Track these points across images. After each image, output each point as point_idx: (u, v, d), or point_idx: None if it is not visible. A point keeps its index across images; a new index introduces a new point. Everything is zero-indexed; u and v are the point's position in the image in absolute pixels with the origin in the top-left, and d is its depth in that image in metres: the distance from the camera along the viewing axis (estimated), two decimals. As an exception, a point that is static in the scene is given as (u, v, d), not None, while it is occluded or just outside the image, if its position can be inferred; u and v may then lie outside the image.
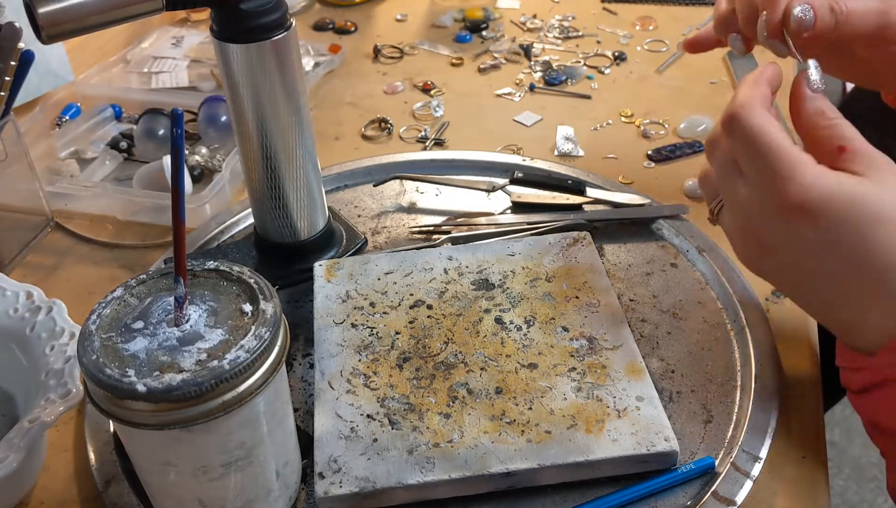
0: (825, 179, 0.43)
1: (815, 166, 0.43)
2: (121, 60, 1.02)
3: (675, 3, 1.12)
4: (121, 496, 0.51)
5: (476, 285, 0.61)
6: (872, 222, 0.42)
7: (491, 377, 0.54)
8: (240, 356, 0.40)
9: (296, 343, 0.61)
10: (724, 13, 0.56)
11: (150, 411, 0.39)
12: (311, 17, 1.15)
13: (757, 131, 0.44)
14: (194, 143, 0.84)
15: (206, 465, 0.43)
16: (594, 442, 0.49)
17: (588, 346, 0.55)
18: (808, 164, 0.43)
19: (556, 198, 0.73)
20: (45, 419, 0.47)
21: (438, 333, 0.57)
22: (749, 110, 0.45)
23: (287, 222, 0.64)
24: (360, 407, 0.52)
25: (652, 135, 0.84)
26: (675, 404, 0.55)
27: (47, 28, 0.48)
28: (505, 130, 0.86)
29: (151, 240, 0.74)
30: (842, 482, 1.51)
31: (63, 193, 0.77)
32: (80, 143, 0.86)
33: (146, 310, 0.44)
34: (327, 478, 0.48)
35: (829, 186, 0.43)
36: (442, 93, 0.94)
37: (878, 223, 0.42)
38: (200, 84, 0.97)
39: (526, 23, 1.09)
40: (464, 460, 0.49)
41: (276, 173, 0.61)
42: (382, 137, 0.87)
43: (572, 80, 0.95)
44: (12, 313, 0.55)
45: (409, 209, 0.75)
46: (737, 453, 0.50)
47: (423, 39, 1.07)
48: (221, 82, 0.60)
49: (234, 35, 0.55)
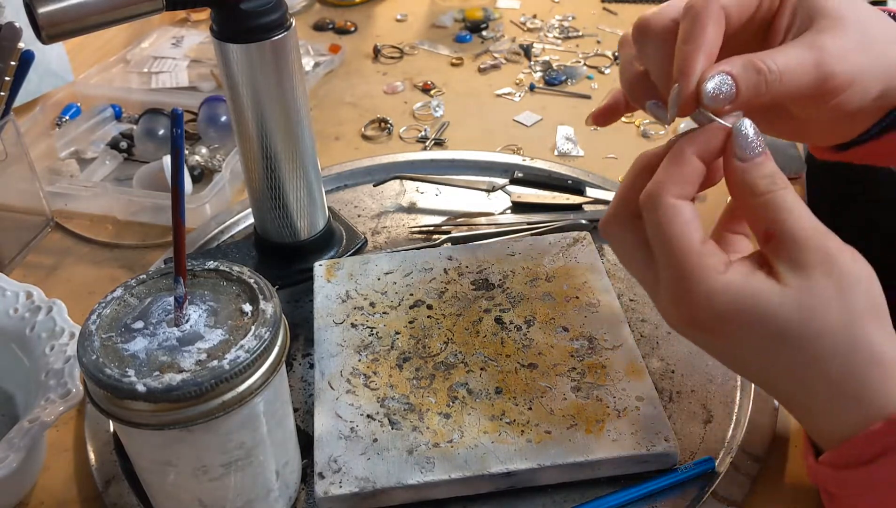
0: (724, 295, 0.39)
1: (715, 278, 0.39)
2: (121, 60, 1.02)
3: (675, 3, 1.12)
4: (121, 496, 0.51)
5: (476, 285, 0.61)
6: (777, 342, 0.39)
7: (491, 377, 0.54)
8: (240, 356, 0.40)
9: (296, 343, 0.61)
10: (635, 76, 0.47)
11: (150, 411, 0.39)
12: (311, 17, 1.15)
13: (663, 228, 0.40)
14: (194, 143, 0.84)
15: (206, 465, 0.43)
16: (594, 442, 0.49)
17: (588, 346, 0.55)
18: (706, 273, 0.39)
19: (556, 198, 0.73)
20: (45, 419, 0.47)
21: (438, 333, 0.57)
22: (656, 200, 0.40)
23: (287, 222, 0.64)
24: (359, 407, 0.52)
25: (652, 135, 0.84)
26: (675, 404, 0.55)
27: (47, 28, 0.48)
28: (505, 130, 0.86)
29: (151, 240, 0.74)
30: (842, 482, 1.50)
31: (63, 193, 0.77)
32: (80, 143, 0.86)
33: (146, 310, 0.44)
34: (327, 478, 0.48)
35: (726, 303, 0.39)
36: (442, 93, 0.94)
37: (781, 343, 0.39)
38: (200, 84, 0.97)
39: (526, 23, 1.09)
40: (464, 460, 0.49)
41: (276, 173, 0.61)
42: (382, 137, 0.87)
43: (572, 80, 0.95)
44: (12, 313, 0.55)
45: (409, 209, 0.75)
46: (737, 453, 0.50)
47: (423, 39, 1.07)
48: (221, 82, 0.60)
49: (234, 35, 0.55)
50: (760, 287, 0.39)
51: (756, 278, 0.39)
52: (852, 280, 0.39)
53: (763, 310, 0.39)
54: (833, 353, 0.39)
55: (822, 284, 0.38)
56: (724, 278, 0.39)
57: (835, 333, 0.39)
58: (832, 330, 0.39)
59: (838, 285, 0.39)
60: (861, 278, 0.39)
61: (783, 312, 0.38)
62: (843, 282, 0.39)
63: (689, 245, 0.39)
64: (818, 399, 0.40)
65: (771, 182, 0.40)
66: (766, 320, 0.39)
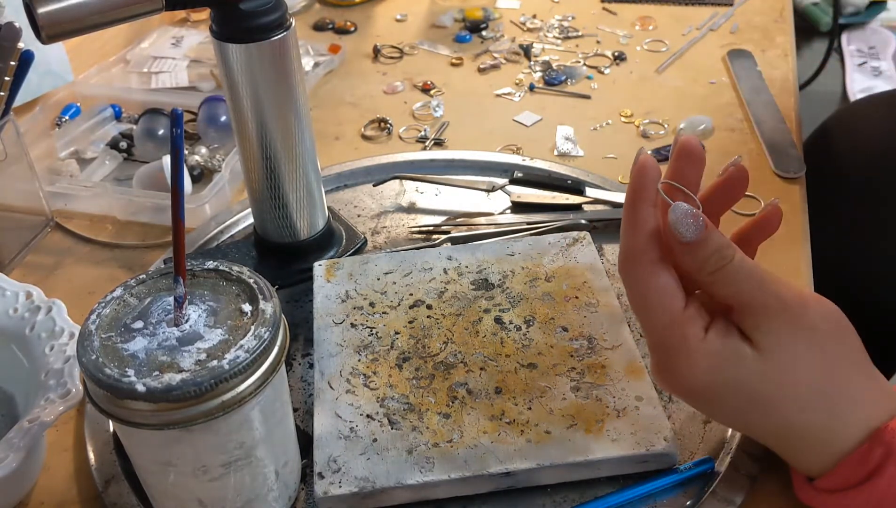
0: (703, 364, 0.41)
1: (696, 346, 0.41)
2: (121, 60, 1.02)
3: (674, 3, 1.12)
4: (120, 496, 0.51)
5: (476, 285, 0.61)
6: (753, 405, 0.41)
7: (490, 376, 0.54)
8: (239, 356, 0.40)
9: (295, 343, 0.61)
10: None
11: (150, 411, 0.39)
12: (311, 17, 1.15)
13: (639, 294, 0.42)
14: (194, 143, 0.84)
15: (205, 465, 0.43)
16: (593, 442, 0.49)
17: (587, 346, 0.55)
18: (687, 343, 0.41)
19: (556, 198, 0.73)
20: (44, 419, 0.47)
21: (438, 333, 0.57)
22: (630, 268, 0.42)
23: (287, 222, 0.64)
24: (359, 407, 0.52)
25: (651, 135, 0.84)
26: (675, 404, 0.55)
27: (47, 28, 0.48)
28: (505, 130, 0.86)
29: (151, 240, 0.74)
30: (842, 482, 1.50)
31: (63, 193, 0.77)
32: (79, 143, 0.86)
33: (146, 310, 0.44)
34: (327, 478, 0.48)
35: (706, 371, 0.41)
36: (442, 93, 0.94)
37: (758, 406, 0.41)
38: (200, 84, 0.97)
39: (526, 23, 1.09)
40: (463, 460, 0.49)
41: (275, 173, 0.61)
42: (382, 137, 0.87)
43: (572, 80, 0.95)
44: (12, 313, 0.55)
45: (409, 209, 0.75)
46: (736, 453, 0.50)
47: (423, 39, 1.07)
48: (221, 82, 0.60)
49: (234, 35, 0.55)
50: (735, 354, 0.41)
51: (731, 343, 0.41)
52: (819, 333, 0.41)
53: (738, 377, 0.41)
54: (810, 406, 0.41)
55: (789, 344, 0.40)
56: (704, 346, 0.41)
57: (808, 385, 0.41)
58: (806, 383, 0.41)
59: (807, 341, 0.41)
60: (826, 327, 0.41)
61: (755, 378, 0.41)
62: (812, 337, 0.41)
63: (665, 315, 0.41)
64: (801, 443, 0.43)
65: (719, 257, 0.40)
66: (741, 386, 0.41)
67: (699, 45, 1.01)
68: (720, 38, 1.02)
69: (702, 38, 1.03)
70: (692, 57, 0.99)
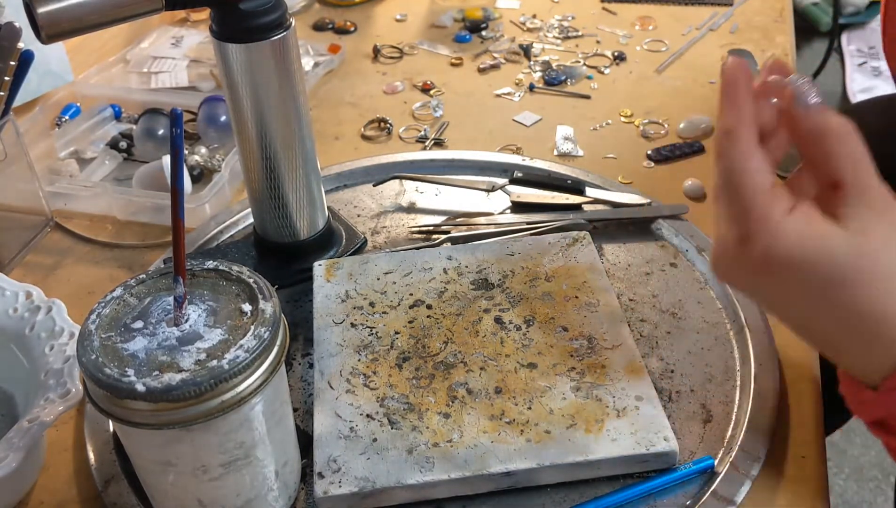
0: (788, 237, 0.40)
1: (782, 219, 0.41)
2: (120, 60, 1.02)
3: (674, 3, 1.12)
4: (120, 496, 0.51)
5: (475, 284, 0.61)
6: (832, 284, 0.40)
7: (490, 376, 0.54)
8: (239, 355, 0.40)
9: (295, 343, 0.61)
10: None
11: (150, 410, 0.39)
12: (311, 17, 1.15)
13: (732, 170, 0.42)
14: (194, 143, 0.84)
15: (205, 465, 0.43)
16: (593, 442, 0.49)
17: (587, 346, 0.55)
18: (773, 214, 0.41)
19: (556, 198, 0.73)
20: (44, 419, 0.47)
21: (438, 333, 0.57)
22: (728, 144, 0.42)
23: (287, 222, 0.64)
24: (359, 407, 0.52)
25: (651, 135, 0.84)
26: (675, 403, 0.55)
27: (47, 28, 0.48)
28: (504, 130, 0.86)
29: (151, 240, 0.74)
30: (841, 482, 1.51)
31: (63, 193, 0.77)
32: (79, 143, 0.86)
33: (145, 310, 0.44)
34: (327, 478, 0.48)
35: (790, 245, 0.40)
36: (441, 93, 0.94)
37: (837, 285, 0.40)
38: (200, 84, 0.97)
39: (525, 23, 1.09)
40: (463, 459, 0.49)
41: (275, 173, 0.61)
42: (382, 137, 0.87)
43: (572, 80, 0.95)
44: (12, 312, 0.55)
45: (409, 209, 0.75)
46: (736, 453, 0.50)
47: (423, 39, 1.07)
48: (221, 82, 0.60)
49: (234, 35, 0.55)
50: (823, 231, 0.41)
51: (819, 222, 0.41)
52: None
53: (825, 252, 0.40)
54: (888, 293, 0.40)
55: (882, 228, 0.40)
56: (789, 219, 0.41)
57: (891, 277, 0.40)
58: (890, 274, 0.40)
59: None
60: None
61: (842, 254, 0.40)
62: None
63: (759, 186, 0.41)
64: (873, 334, 0.41)
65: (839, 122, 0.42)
66: (826, 262, 0.40)
67: (699, 45, 1.01)
68: (720, 38, 1.02)
69: (701, 38, 1.03)
70: (692, 57, 0.99)
